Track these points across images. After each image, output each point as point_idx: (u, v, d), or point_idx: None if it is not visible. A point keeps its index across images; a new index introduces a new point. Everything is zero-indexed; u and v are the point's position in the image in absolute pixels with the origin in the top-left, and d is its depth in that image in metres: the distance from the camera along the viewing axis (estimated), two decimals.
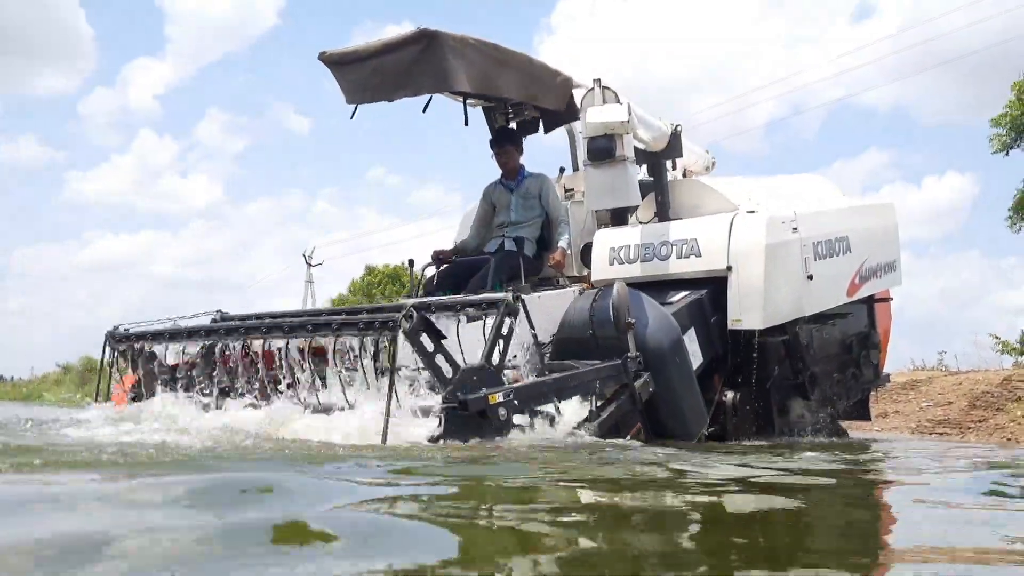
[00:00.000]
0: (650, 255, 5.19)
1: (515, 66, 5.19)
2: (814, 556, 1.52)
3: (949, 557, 1.60)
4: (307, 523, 1.50)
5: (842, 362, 6.24)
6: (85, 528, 1.47)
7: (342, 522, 1.57)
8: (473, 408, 3.41)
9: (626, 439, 3.96)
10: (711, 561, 1.49)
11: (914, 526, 2.01)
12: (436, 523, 1.64)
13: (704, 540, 1.69)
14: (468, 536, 1.55)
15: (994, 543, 1.75)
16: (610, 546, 1.56)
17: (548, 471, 2.62)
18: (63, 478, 2.16)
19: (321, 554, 1.33)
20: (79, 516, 1.60)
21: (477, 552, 1.43)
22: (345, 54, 5.18)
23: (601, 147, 4.96)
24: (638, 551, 1.51)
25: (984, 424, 9.97)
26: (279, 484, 1.96)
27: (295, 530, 1.46)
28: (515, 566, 1.34)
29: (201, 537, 1.38)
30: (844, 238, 5.69)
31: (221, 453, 2.84)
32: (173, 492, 1.77)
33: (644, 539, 1.62)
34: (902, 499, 2.65)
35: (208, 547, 1.34)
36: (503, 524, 1.69)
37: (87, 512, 1.63)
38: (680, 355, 4.37)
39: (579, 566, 1.37)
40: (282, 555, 1.32)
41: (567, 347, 4.29)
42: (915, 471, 3.76)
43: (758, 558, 1.49)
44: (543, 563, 1.36)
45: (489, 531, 1.62)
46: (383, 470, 2.49)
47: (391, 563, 1.31)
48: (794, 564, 1.46)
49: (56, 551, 1.27)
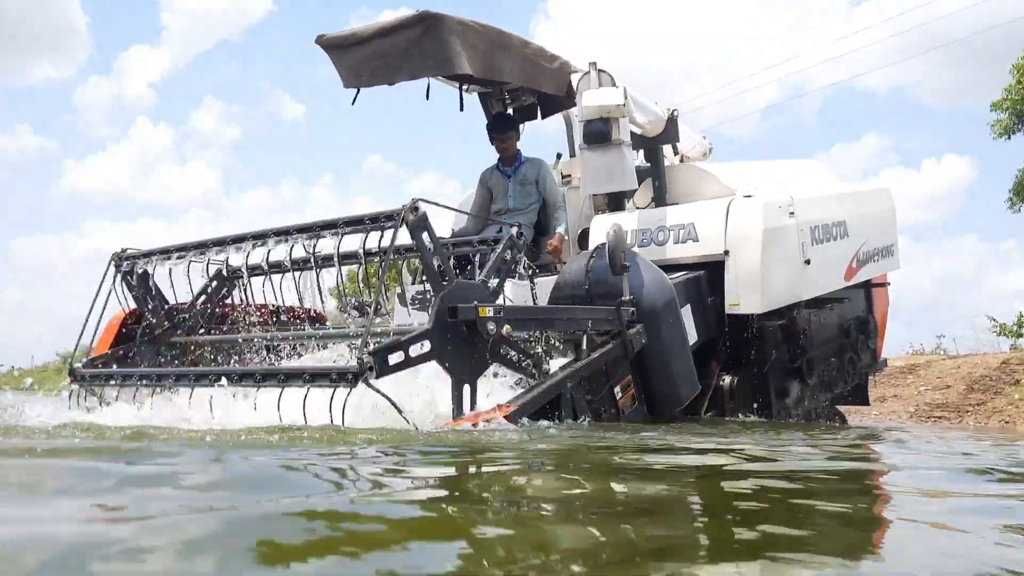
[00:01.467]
0: (647, 240, 5.19)
1: (515, 50, 5.16)
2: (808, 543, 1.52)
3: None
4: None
5: (840, 346, 6.25)
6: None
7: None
8: (462, 316, 3.40)
9: (615, 390, 3.99)
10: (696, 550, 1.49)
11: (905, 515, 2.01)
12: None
13: (695, 527, 1.70)
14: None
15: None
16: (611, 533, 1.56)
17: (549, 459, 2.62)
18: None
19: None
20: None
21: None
22: (343, 37, 5.15)
23: (597, 130, 4.94)
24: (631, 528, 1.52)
25: (982, 407, 10.00)
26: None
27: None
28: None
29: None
30: (841, 223, 5.68)
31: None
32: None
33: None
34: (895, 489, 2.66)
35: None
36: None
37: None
38: (674, 316, 4.37)
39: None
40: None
41: (561, 303, 4.33)
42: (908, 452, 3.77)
43: (749, 543, 1.49)
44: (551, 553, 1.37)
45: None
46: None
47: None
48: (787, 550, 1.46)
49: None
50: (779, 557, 1.35)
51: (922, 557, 1.42)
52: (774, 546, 1.42)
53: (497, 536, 1.41)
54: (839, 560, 1.37)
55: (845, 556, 1.40)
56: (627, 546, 1.40)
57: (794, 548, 1.42)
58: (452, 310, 3.42)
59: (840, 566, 1.34)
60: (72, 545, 1.19)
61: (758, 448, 3.11)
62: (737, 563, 1.33)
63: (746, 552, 1.39)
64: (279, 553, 1.20)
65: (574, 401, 3.78)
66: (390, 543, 1.30)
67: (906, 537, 1.62)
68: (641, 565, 1.28)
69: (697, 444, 3.15)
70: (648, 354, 4.19)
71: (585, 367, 3.85)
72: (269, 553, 1.19)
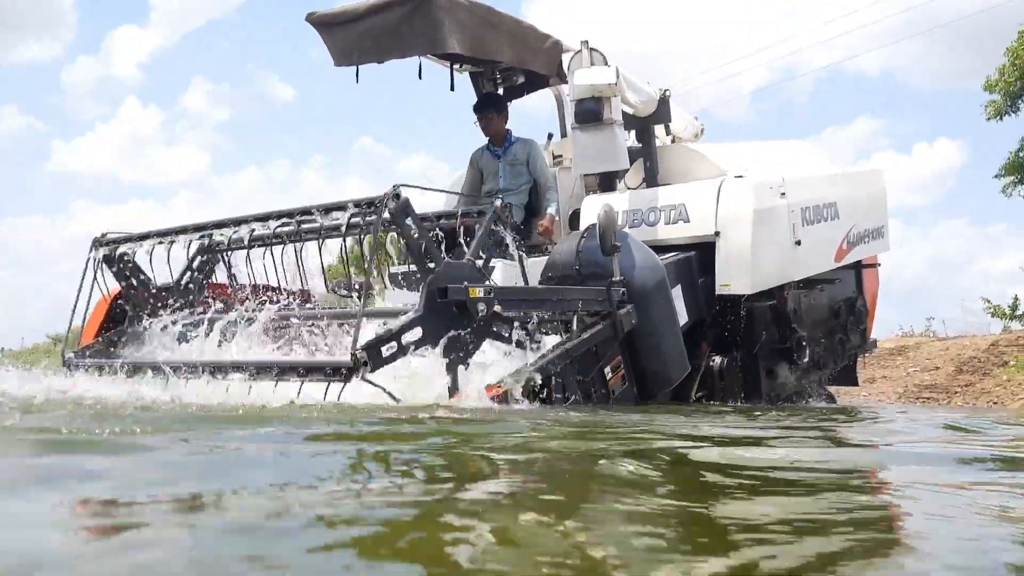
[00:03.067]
0: (638, 221, 5.19)
1: (506, 29, 5.11)
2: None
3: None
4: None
5: (829, 327, 6.27)
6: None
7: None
8: (452, 297, 3.41)
9: (605, 370, 3.99)
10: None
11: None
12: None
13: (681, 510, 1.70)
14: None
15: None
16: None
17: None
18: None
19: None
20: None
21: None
22: (334, 15, 5.09)
23: (589, 110, 4.91)
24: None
25: (970, 388, 10.07)
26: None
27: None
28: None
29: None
30: (832, 204, 5.68)
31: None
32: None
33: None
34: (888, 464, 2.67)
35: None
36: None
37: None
38: (664, 296, 4.37)
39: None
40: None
41: (552, 284, 4.33)
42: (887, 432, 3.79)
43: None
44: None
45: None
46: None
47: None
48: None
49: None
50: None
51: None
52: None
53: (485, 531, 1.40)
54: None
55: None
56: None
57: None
58: (442, 291, 3.41)
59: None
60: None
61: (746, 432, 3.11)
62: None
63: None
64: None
65: (564, 381, 3.78)
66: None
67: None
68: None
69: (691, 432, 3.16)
70: (638, 334, 4.19)
71: (575, 347, 3.85)
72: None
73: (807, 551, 1.26)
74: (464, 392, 3.39)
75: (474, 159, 6.04)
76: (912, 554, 1.33)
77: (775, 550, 1.24)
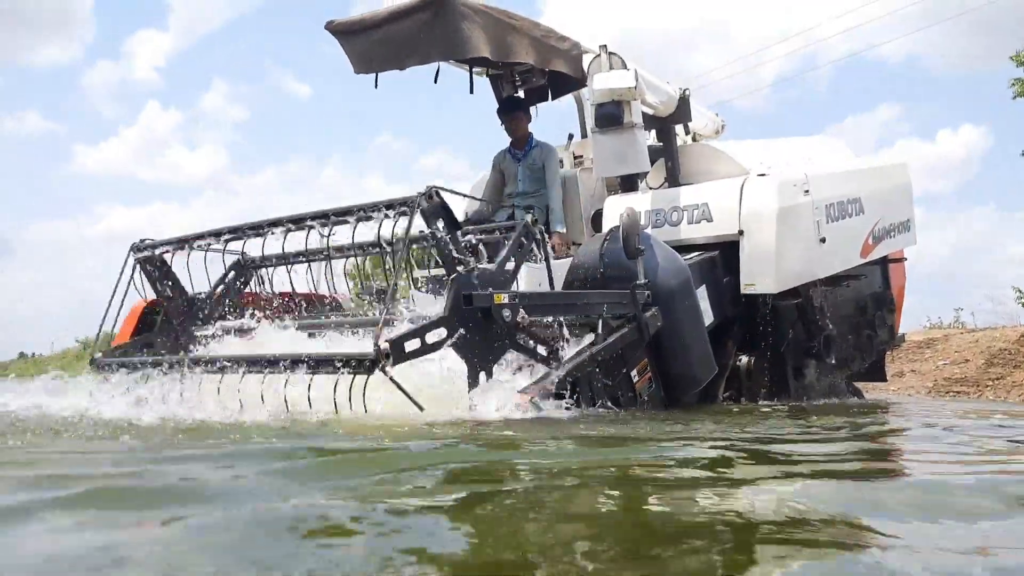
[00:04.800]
0: (661, 221, 5.17)
1: (525, 31, 5.11)
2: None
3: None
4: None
5: (856, 324, 6.22)
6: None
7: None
8: (477, 303, 3.42)
9: (631, 373, 3.99)
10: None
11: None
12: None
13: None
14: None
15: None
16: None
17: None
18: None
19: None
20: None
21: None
22: (353, 23, 5.12)
23: (609, 114, 4.90)
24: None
25: (1001, 382, 9.93)
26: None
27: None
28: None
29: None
30: (856, 199, 5.63)
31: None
32: None
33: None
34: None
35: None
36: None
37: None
38: (689, 297, 4.36)
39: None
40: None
41: (576, 288, 4.33)
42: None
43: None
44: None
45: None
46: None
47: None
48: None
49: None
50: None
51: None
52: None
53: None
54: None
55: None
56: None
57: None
58: (468, 297, 3.42)
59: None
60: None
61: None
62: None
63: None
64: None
65: (591, 386, 3.79)
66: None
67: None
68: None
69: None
70: (664, 336, 4.18)
71: (601, 351, 3.85)
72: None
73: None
74: (481, 402, 3.39)
75: (496, 161, 6.05)
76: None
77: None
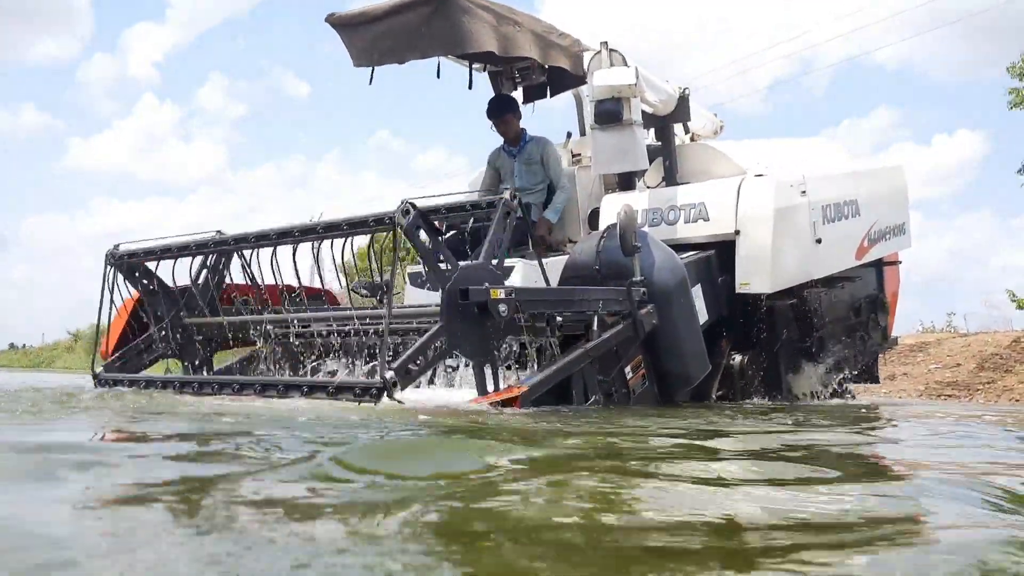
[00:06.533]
0: (658, 219, 5.18)
1: (527, 27, 5.11)
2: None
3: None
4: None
5: (850, 325, 6.24)
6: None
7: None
8: (474, 299, 3.43)
9: (626, 369, 4.00)
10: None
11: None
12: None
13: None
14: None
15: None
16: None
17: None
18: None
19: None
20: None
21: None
22: (354, 16, 5.11)
23: (608, 110, 4.91)
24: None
25: (992, 386, 9.98)
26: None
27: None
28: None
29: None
30: (853, 201, 5.65)
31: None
32: None
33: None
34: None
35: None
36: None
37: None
38: (685, 295, 4.38)
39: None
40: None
41: (572, 284, 4.35)
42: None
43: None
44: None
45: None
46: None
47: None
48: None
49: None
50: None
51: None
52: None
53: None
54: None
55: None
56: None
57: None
58: (463, 292, 3.43)
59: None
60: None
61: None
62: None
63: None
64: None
65: (586, 381, 3.80)
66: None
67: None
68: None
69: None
70: (659, 334, 4.20)
71: (596, 347, 3.87)
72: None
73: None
74: (491, 392, 3.43)
75: (491, 159, 6.05)
76: None
77: None
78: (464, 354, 3.45)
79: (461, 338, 3.44)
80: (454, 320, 3.43)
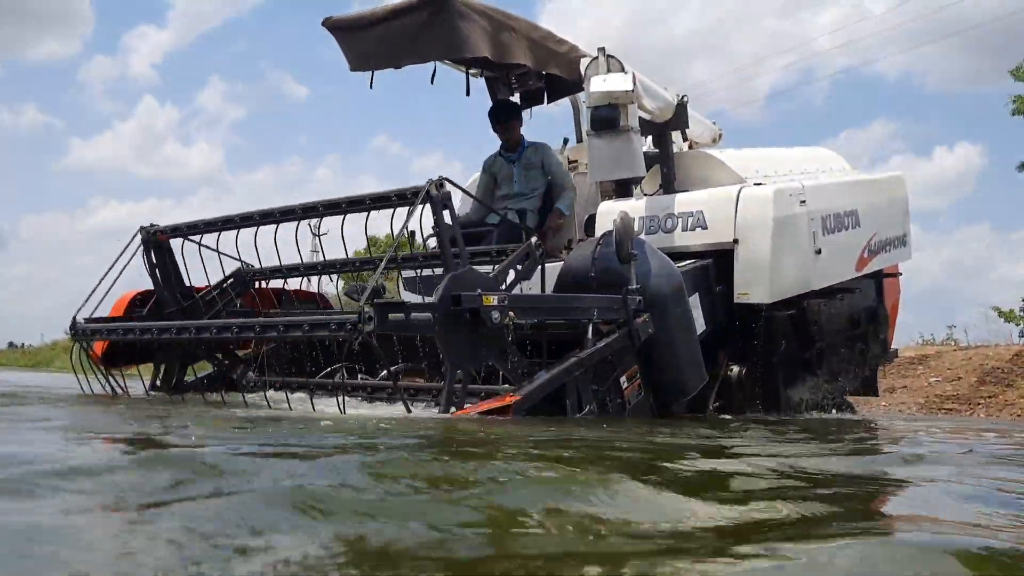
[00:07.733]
0: (655, 227, 5.11)
1: (524, 33, 5.08)
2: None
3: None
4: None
5: (850, 337, 6.16)
6: None
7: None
8: (466, 304, 3.36)
9: (621, 379, 3.94)
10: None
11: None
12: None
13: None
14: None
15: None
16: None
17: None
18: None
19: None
20: None
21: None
22: (351, 20, 5.10)
23: (605, 117, 4.85)
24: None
25: (994, 400, 9.89)
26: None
27: None
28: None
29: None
30: (853, 212, 5.59)
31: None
32: None
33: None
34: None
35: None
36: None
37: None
38: (681, 304, 4.30)
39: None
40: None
41: (567, 291, 4.29)
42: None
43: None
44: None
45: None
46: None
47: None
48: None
49: None
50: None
51: None
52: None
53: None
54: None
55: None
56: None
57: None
58: (456, 298, 3.36)
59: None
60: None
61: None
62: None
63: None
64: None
65: (579, 390, 3.73)
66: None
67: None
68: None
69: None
70: (655, 343, 4.12)
71: (591, 356, 3.80)
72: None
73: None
74: (479, 401, 3.36)
75: (487, 166, 6.01)
76: None
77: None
78: (445, 352, 3.38)
79: (446, 335, 3.38)
80: (445, 314, 3.36)
